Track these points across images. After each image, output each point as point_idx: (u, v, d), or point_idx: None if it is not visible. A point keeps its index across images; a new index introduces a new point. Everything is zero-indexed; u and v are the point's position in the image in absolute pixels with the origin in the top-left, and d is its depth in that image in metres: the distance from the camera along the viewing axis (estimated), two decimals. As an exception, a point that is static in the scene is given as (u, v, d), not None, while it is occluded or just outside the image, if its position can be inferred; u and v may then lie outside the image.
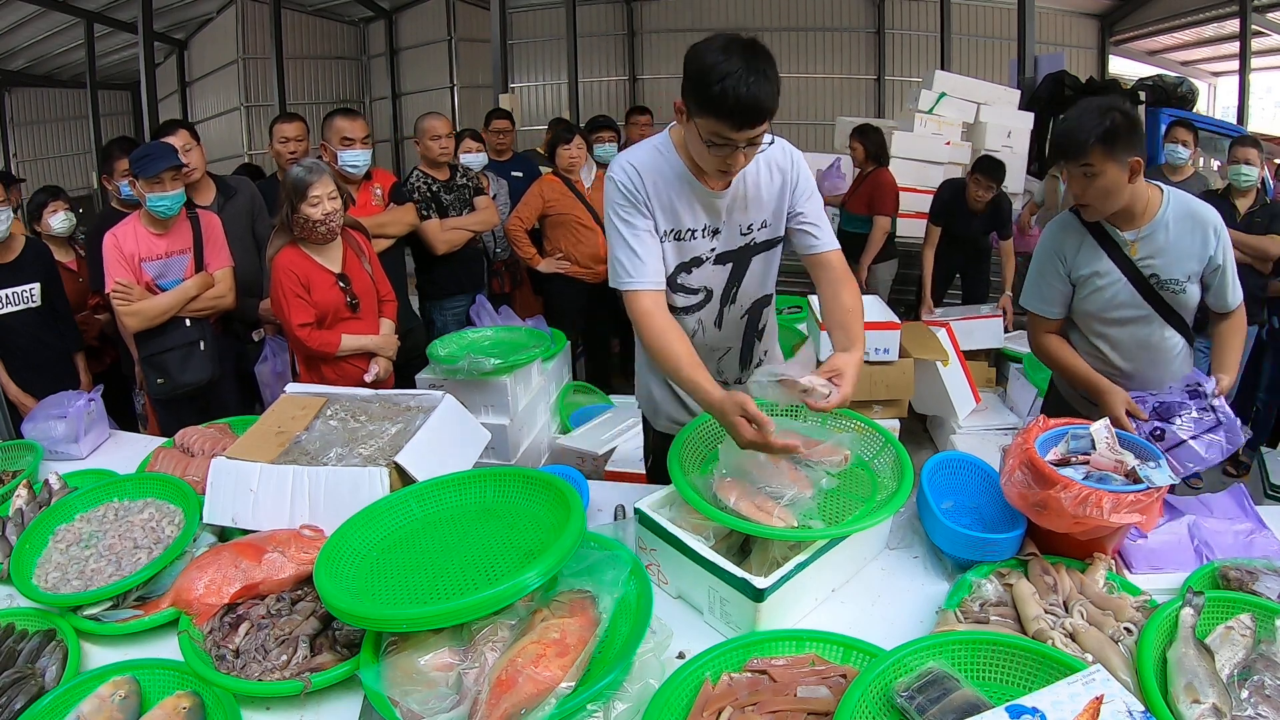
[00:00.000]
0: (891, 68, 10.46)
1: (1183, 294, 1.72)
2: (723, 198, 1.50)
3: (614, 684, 1.02)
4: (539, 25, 10.96)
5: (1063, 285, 1.80)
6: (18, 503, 1.67)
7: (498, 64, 7.54)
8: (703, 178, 1.47)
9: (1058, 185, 4.60)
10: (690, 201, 1.48)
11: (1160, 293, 1.73)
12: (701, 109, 1.28)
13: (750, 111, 1.25)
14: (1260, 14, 8.78)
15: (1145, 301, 1.73)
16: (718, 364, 1.69)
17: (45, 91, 11.81)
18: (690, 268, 1.54)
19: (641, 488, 1.73)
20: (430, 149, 3.30)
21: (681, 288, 1.56)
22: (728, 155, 1.33)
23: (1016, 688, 1.01)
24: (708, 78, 1.24)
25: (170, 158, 2.35)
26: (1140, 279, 1.72)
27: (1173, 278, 1.70)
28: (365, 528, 1.29)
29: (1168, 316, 1.76)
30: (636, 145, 1.54)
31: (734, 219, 1.53)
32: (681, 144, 1.47)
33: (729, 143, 1.30)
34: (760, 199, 1.54)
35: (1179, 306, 1.75)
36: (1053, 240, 1.81)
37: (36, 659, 1.21)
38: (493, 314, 3.44)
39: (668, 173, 1.47)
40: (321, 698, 1.15)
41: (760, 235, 1.57)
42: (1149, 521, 1.24)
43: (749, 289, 1.63)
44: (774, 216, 1.57)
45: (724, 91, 1.23)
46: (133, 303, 2.36)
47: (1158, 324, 1.76)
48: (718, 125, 1.27)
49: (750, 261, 1.59)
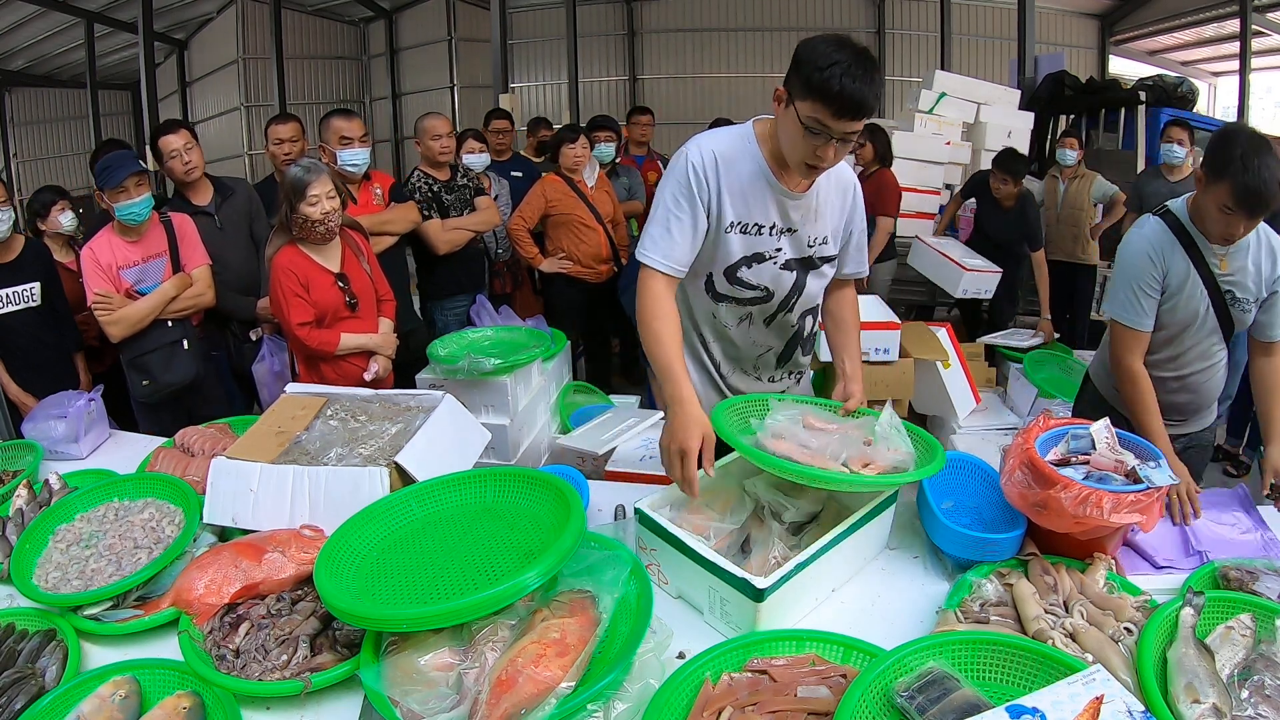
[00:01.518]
0: (891, 68, 10.46)
1: (1248, 314, 1.75)
2: (797, 201, 1.50)
3: (614, 684, 1.02)
4: (539, 25, 10.97)
5: (1158, 296, 1.76)
6: (18, 503, 1.67)
7: (498, 64, 7.54)
8: (782, 175, 1.47)
9: (1058, 185, 4.60)
10: (764, 196, 1.48)
11: (1231, 309, 1.75)
12: (806, 91, 1.29)
13: (852, 101, 1.27)
14: (1260, 14, 8.78)
15: (1216, 315, 1.76)
16: (755, 360, 1.69)
17: (45, 91, 11.82)
18: (752, 262, 1.53)
19: (641, 488, 1.73)
20: (431, 149, 3.30)
21: (741, 281, 1.55)
22: (821, 145, 1.33)
23: (1017, 688, 1.01)
24: (819, 62, 1.27)
25: (131, 165, 2.35)
26: (1218, 293, 1.73)
27: (1246, 297, 1.73)
28: (365, 527, 1.28)
29: (1228, 334, 1.79)
30: (719, 130, 1.53)
31: (804, 229, 1.54)
32: (765, 137, 1.47)
33: (825, 130, 1.31)
34: (826, 215, 1.56)
35: (1240, 326, 1.78)
36: (1148, 248, 1.75)
37: (36, 659, 1.21)
38: (493, 314, 3.44)
39: (747, 163, 1.46)
40: (321, 698, 1.14)
41: (821, 251, 1.59)
42: (1149, 521, 1.23)
43: (806, 301, 1.63)
44: (833, 235, 1.59)
45: (831, 77, 1.26)
46: (113, 311, 2.38)
47: (1218, 339, 1.80)
48: (819, 110, 1.29)
49: (809, 274, 1.60)
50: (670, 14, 10.86)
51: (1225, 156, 1.58)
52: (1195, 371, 1.84)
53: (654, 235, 1.47)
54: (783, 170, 1.47)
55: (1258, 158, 1.54)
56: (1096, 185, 4.46)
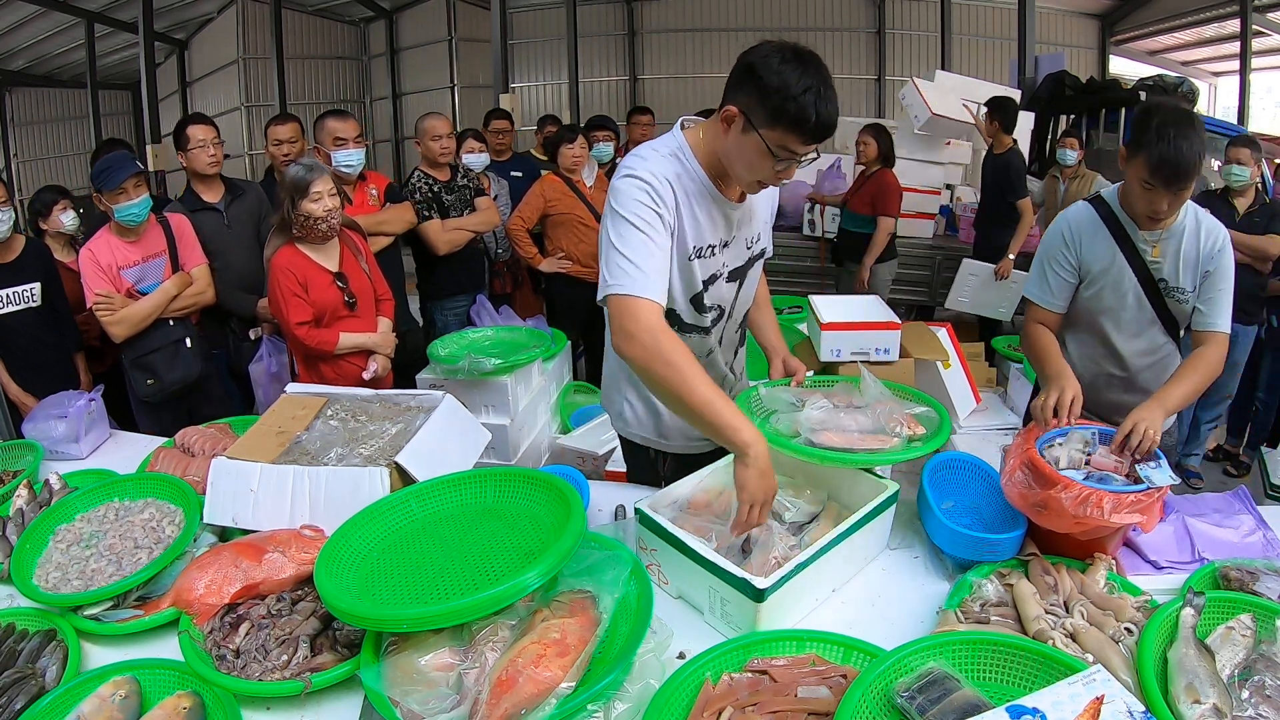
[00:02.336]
0: (892, 68, 10.46)
1: (1185, 304, 1.72)
2: (737, 210, 1.47)
3: (614, 684, 1.02)
4: (539, 25, 10.97)
5: (1069, 277, 1.77)
6: (18, 503, 1.67)
7: (498, 64, 7.54)
8: (722, 187, 1.42)
9: (1057, 185, 4.60)
10: (711, 214, 1.43)
11: (1166, 298, 1.73)
12: (776, 121, 1.24)
13: (826, 128, 1.26)
14: (1260, 14, 8.77)
15: (1150, 305, 1.73)
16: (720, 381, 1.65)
17: (46, 91, 11.81)
18: (709, 284, 1.50)
19: (642, 488, 1.73)
20: (431, 149, 3.30)
21: (706, 308, 1.51)
22: (786, 168, 1.31)
23: (1017, 688, 1.01)
24: (790, 90, 1.21)
25: (129, 166, 2.37)
26: (1150, 282, 1.72)
27: (1180, 285, 1.70)
28: (365, 528, 1.28)
29: (1167, 323, 1.76)
30: (651, 152, 1.40)
31: (741, 232, 1.52)
32: (698, 147, 1.39)
33: (792, 156, 1.28)
34: (758, 210, 1.56)
35: (1179, 315, 1.75)
36: (1064, 229, 1.77)
37: (37, 659, 1.21)
38: (493, 314, 3.44)
39: (692, 185, 1.39)
40: (322, 698, 1.14)
41: (756, 248, 1.58)
42: (1149, 522, 1.23)
43: (744, 300, 1.62)
44: (764, 227, 1.60)
45: (805, 108, 1.22)
46: (115, 312, 2.39)
47: (1158, 329, 1.77)
48: (790, 139, 1.25)
49: (747, 275, 1.59)
50: (670, 14, 10.86)
51: (1142, 128, 1.55)
52: (1142, 369, 1.81)
53: (623, 265, 1.27)
54: (721, 180, 1.42)
55: (1174, 129, 1.50)
56: (1097, 185, 4.46)
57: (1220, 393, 3.39)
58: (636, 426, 1.70)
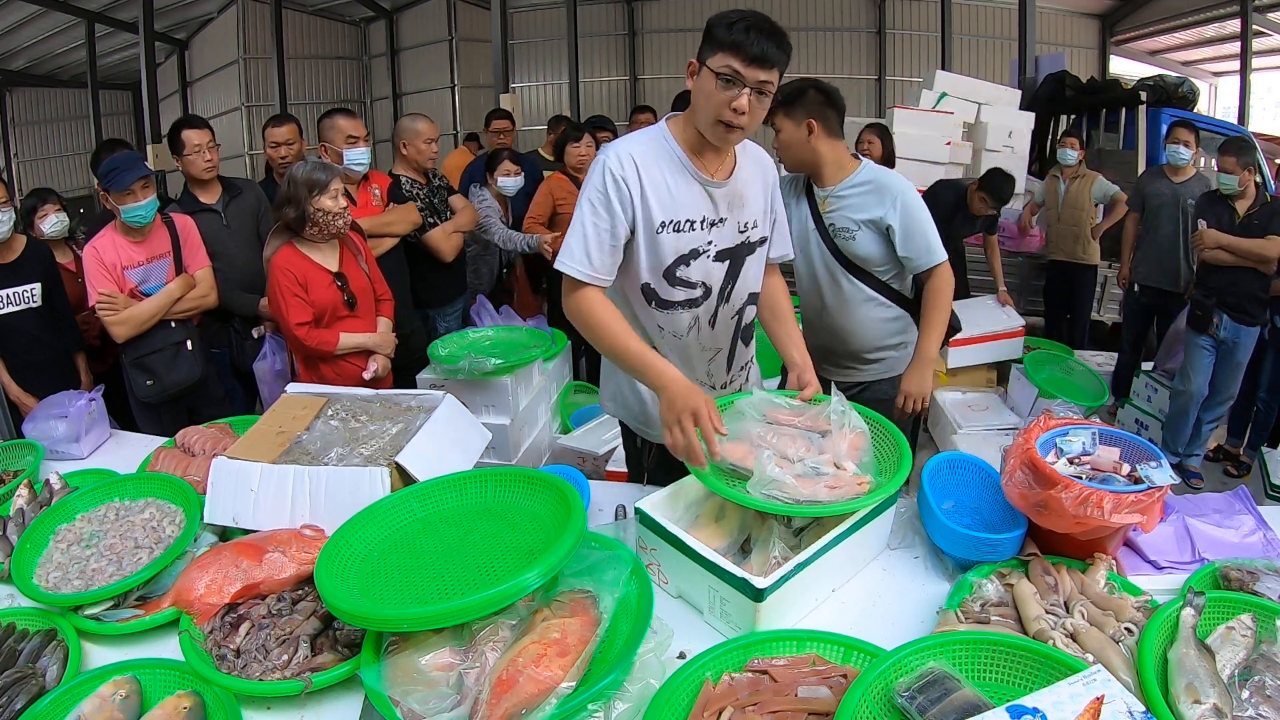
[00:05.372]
0: (892, 68, 10.48)
1: (852, 241, 1.98)
2: (723, 189, 1.51)
3: (615, 684, 1.02)
4: (539, 25, 10.97)
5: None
6: (18, 502, 1.67)
7: (498, 64, 7.55)
8: (701, 164, 1.48)
9: (1058, 185, 4.60)
10: (688, 188, 1.49)
11: (835, 239, 2.00)
12: (717, 47, 1.36)
13: (763, 44, 1.33)
14: (1261, 14, 8.78)
15: (826, 247, 2.02)
16: (708, 366, 1.68)
17: (46, 91, 11.82)
18: (689, 260, 1.53)
19: (642, 488, 1.73)
20: (422, 152, 3.21)
21: (681, 281, 1.54)
22: (735, 96, 1.36)
23: (1017, 688, 1.01)
24: (727, 19, 1.35)
25: (138, 168, 2.37)
26: (821, 225, 2.02)
27: (844, 226, 1.98)
28: (366, 527, 1.29)
29: (847, 266, 2.02)
30: (633, 134, 1.53)
31: (733, 216, 1.54)
32: (679, 131, 1.49)
33: (738, 78, 1.35)
34: (751, 198, 1.57)
35: (850, 253, 2.01)
36: None
37: (37, 659, 1.21)
38: (493, 314, 3.43)
39: (666, 159, 1.48)
40: (322, 698, 1.15)
41: (754, 234, 1.59)
42: (1149, 522, 1.23)
43: (742, 287, 1.63)
44: (762, 216, 1.61)
45: (739, 24, 1.33)
46: (119, 312, 2.39)
47: (840, 274, 2.03)
48: (731, 58, 1.34)
49: (745, 260, 1.60)
50: (670, 14, 10.87)
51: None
52: (832, 311, 2.09)
53: (572, 245, 1.46)
54: (701, 158, 1.49)
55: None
56: (1097, 185, 4.46)
57: (1222, 393, 3.39)
58: (624, 412, 1.79)
